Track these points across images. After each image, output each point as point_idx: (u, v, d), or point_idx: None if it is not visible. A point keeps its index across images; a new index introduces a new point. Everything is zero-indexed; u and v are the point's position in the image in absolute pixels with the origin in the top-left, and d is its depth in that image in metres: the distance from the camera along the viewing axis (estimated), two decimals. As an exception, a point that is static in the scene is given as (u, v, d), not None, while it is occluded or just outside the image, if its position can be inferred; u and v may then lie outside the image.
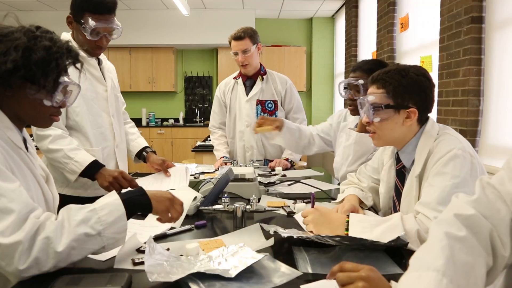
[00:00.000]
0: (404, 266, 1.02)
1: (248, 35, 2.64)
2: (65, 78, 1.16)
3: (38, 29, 1.14)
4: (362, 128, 1.84)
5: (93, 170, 1.74)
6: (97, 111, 1.94)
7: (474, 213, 0.83)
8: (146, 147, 2.18)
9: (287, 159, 2.69)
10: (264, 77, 2.78)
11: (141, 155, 2.15)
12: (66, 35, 1.90)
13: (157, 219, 1.21)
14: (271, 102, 2.77)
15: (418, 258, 0.80)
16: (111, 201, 1.08)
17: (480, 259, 0.80)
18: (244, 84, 2.80)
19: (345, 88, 2.01)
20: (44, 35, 1.13)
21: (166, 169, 2.02)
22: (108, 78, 2.02)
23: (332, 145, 2.35)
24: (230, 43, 2.69)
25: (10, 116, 1.13)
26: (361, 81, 1.87)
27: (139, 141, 2.21)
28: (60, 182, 1.86)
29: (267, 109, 2.77)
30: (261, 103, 2.77)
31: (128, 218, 1.09)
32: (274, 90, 2.78)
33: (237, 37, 2.63)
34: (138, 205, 1.14)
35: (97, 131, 1.93)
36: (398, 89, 1.34)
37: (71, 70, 1.21)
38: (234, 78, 2.85)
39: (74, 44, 1.85)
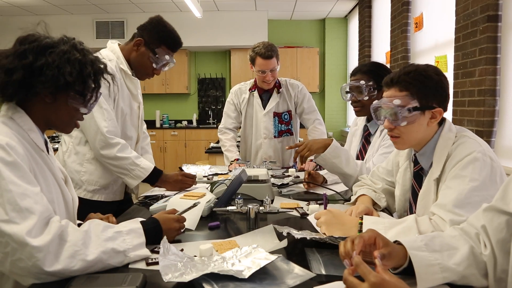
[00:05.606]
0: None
1: (275, 54, 2.63)
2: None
3: (78, 42, 1.18)
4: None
5: (154, 175, 1.89)
6: (129, 126, 2.00)
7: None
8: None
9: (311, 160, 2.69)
10: (280, 90, 2.80)
11: None
12: (112, 45, 1.95)
13: None
14: (287, 113, 2.84)
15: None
16: (135, 228, 1.14)
17: (464, 243, 0.97)
18: (260, 96, 2.82)
19: (347, 92, 2.06)
20: (87, 48, 1.19)
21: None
22: (139, 94, 2.08)
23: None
24: (253, 59, 2.65)
25: (36, 119, 1.16)
26: (362, 82, 1.96)
27: (146, 157, 2.18)
28: (74, 184, 1.88)
29: (283, 120, 2.84)
30: (277, 115, 2.82)
31: None
32: (288, 101, 2.82)
33: (268, 56, 2.59)
34: (153, 236, 1.19)
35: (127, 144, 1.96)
36: (422, 90, 1.31)
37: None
38: (249, 89, 2.85)
39: (121, 57, 1.90)
